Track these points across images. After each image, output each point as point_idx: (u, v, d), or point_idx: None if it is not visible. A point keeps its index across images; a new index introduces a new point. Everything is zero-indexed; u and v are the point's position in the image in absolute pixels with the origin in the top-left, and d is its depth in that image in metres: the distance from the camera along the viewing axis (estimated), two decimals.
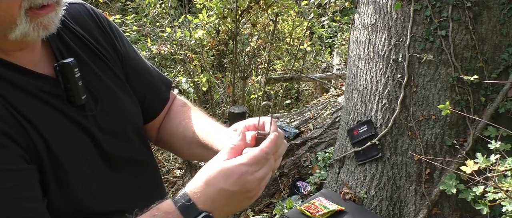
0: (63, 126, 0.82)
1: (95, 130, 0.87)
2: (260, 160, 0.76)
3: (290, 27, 4.65)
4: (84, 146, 0.85)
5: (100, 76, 0.92)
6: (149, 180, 1.00)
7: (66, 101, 0.84)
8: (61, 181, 0.79)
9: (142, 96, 1.03)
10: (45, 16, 0.76)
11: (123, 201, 0.90)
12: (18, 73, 0.79)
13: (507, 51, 2.11)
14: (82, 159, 0.83)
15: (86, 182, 0.83)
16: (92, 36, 0.94)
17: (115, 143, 0.91)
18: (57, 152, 0.79)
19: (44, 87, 0.81)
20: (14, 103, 0.76)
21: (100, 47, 0.95)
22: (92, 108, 0.88)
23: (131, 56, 1.03)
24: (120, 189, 0.91)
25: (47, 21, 0.76)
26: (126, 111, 0.96)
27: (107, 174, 0.88)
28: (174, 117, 1.10)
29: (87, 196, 0.83)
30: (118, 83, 0.96)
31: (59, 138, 0.80)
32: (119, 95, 0.95)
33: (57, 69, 0.84)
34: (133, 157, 0.95)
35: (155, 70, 1.11)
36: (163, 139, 1.12)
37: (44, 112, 0.80)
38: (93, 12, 0.98)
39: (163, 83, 1.11)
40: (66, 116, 0.83)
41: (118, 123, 0.93)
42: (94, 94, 0.89)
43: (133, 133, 0.96)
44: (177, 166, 4.14)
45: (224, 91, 4.79)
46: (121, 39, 1.02)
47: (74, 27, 0.92)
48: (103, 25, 0.98)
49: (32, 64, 0.82)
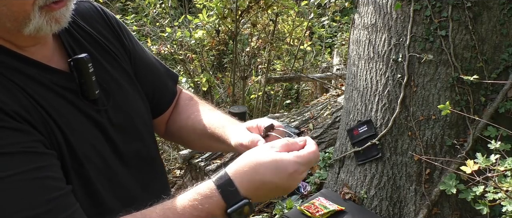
0: (77, 119, 0.83)
1: (107, 125, 0.88)
2: (311, 162, 0.77)
3: (290, 27, 4.65)
4: (97, 140, 0.86)
5: (110, 72, 0.94)
6: (157, 176, 1.01)
7: (80, 96, 0.85)
8: (78, 173, 0.80)
9: (150, 91, 1.05)
10: (58, 10, 0.77)
11: (132, 197, 0.91)
12: (34, 67, 0.80)
13: (507, 51, 2.11)
14: (95, 152, 0.84)
15: (99, 176, 0.84)
16: (101, 33, 0.96)
17: (125, 138, 0.92)
18: (73, 144, 0.80)
19: (59, 81, 0.83)
20: (34, 96, 0.77)
21: (109, 43, 0.96)
22: (104, 103, 0.89)
23: (139, 53, 1.04)
24: (129, 185, 0.92)
25: (59, 15, 0.78)
26: (135, 106, 0.97)
27: (118, 168, 0.89)
28: (182, 111, 1.12)
29: (100, 190, 0.84)
30: (127, 79, 0.98)
31: (74, 131, 0.81)
32: (128, 91, 0.97)
33: (72, 64, 0.85)
34: (142, 153, 0.96)
35: (162, 65, 1.13)
36: (172, 132, 1.13)
37: (59, 105, 0.81)
38: (101, 10, 1.00)
39: (170, 78, 1.13)
40: (80, 110, 0.84)
41: (128, 118, 0.94)
42: (106, 90, 0.91)
43: (142, 128, 0.98)
44: (177, 166, 4.14)
45: (224, 91, 4.79)
46: (128, 36, 1.04)
47: (83, 24, 0.93)
48: (111, 22, 1.00)
49: (46, 59, 0.84)
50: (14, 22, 0.75)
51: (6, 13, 0.74)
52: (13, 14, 0.74)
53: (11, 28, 0.76)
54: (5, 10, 0.73)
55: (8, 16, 0.74)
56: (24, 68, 0.79)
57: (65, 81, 0.84)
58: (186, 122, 1.09)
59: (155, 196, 0.80)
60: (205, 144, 1.06)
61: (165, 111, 1.11)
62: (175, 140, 1.16)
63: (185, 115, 1.10)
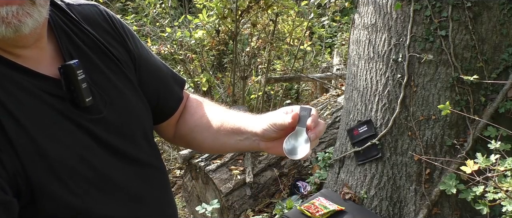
0: (63, 127, 0.80)
1: (102, 133, 0.85)
2: None
3: (290, 27, 4.65)
4: (86, 149, 0.82)
5: (109, 78, 0.91)
6: (156, 183, 0.98)
7: (71, 104, 0.82)
8: (56, 187, 0.77)
9: (155, 96, 1.03)
10: (2, 8, 0.72)
11: (129, 205, 0.89)
12: (20, 73, 0.77)
13: (507, 51, 2.11)
14: (82, 162, 0.81)
15: (86, 187, 0.81)
16: (104, 38, 0.93)
17: (122, 145, 0.89)
18: (54, 157, 0.76)
19: (47, 88, 0.80)
20: (9, 107, 0.74)
21: (112, 48, 0.94)
22: (99, 110, 0.86)
23: (144, 57, 1.02)
24: (126, 193, 0.89)
25: (5, 14, 0.73)
26: (134, 113, 0.95)
27: (113, 177, 0.86)
28: (196, 112, 1.10)
29: (88, 201, 0.81)
30: (128, 85, 0.95)
31: (57, 143, 0.78)
32: (128, 97, 0.94)
33: (61, 71, 0.82)
34: (140, 160, 0.94)
35: (168, 69, 1.11)
36: (182, 134, 1.11)
37: (43, 115, 0.78)
38: (106, 14, 0.97)
39: (176, 82, 1.11)
40: (68, 119, 0.81)
41: (126, 124, 0.92)
42: (103, 96, 0.88)
43: (141, 135, 0.95)
44: (177, 166, 4.14)
45: (224, 91, 4.79)
46: (134, 40, 1.01)
47: (86, 28, 0.91)
48: (116, 26, 0.97)
49: (37, 64, 0.81)
50: None
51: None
52: None
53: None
54: None
55: None
56: (10, 74, 0.75)
57: (54, 89, 0.81)
58: (200, 120, 1.07)
59: (154, 205, 0.78)
60: (221, 141, 1.03)
61: (170, 116, 1.09)
62: (185, 141, 1.13)
63: (198, 115, 1.09)
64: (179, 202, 3.41)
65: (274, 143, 0.93)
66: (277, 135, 0.91)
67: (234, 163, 3.02)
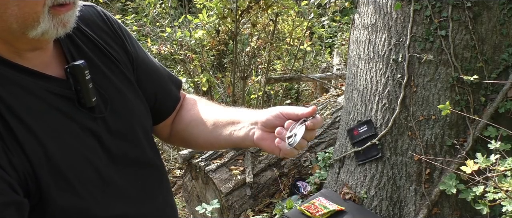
0: (69, 129, 0.81)
1: (104, 133, 0.86)
2: None
3: (290, 27, 4.65)
4: (90, 150, 0.83)
5: (110, 78, 0.92)
6: (156, 184, 0.99)
7: (76, 104, 0.83)
8: (63, 189, 0.78)
9: (152, 97, 1.04)
10: (65, 13, 0.77)
11: (130, 205, 0.89)
12: (28, 76, 0.78)
13: (507, 51, 2.11)
14: (87, 164, 0.82)
15: (90, 188, 0.82)
16: (103, 39, 0.94)
17: (124, 145, 0.90)
18: (59, 159, 0.77)
19: (54, 89, 0.81)
20: (18, 110, 0.75)
21: (111, 49, 0.95)
22: (102, 110, 0.87)
23: (141, 58, 1.03)
24: (127, 193, 0.90)
25: (66, 19, 0.77)
26: (135, 112, 0.96)
27: (115, 177, 0.87)
28: (192, 108, 1.12)
29: (91, 203, 0.82)
30: (128, 85, 0.96)
31: (62, 144, 0.79)
32: (128, 97, 0.95)
33: (68, 71, 0.83)
34: (141, 159, 0.95)
35: (165, 70, 1.12)
36: (178, 130, 1.12)
37: (51, 118, 0.79)
38: (104, 15, 0.98)
39: (173, 83, 1.12)
40: (73, 119, 0.82)
41: (128, 124, 0.92)
42: (104, 96, 0.89)
43: (142, 134, 0.96)
44: (177, 166, 4.14)
45: (224, 91, 4.79)
46: (131, 41, 1.02)
47: (85, 29, 0.92)
48: (113, 27, 0.98)
49: (43, 66, 0.82)
50: (22, 23, 0.73)
51: (16, 14, 0.72)
52: (23, 15, 0.72)
53: (16, 29, 0.73)
54: (15, 10, 0.71)
55: (17, 17, 0.72)
56: (17, 78, 0.76)
57: (60, 89, 0.82)
58: (197, 115, 1.09)
59: (155, 204, 0.78)
60: (216, 134, 1.05)
61: (167, 116, 1.10)
62: (180, 138, 1.14)
63: (195, 110, 1.10)
64: (179, 202, 3.41)
65: (268, 135, 0.95)
66: (279, 123, 0.92)
67: (234, 163, 3.02)
